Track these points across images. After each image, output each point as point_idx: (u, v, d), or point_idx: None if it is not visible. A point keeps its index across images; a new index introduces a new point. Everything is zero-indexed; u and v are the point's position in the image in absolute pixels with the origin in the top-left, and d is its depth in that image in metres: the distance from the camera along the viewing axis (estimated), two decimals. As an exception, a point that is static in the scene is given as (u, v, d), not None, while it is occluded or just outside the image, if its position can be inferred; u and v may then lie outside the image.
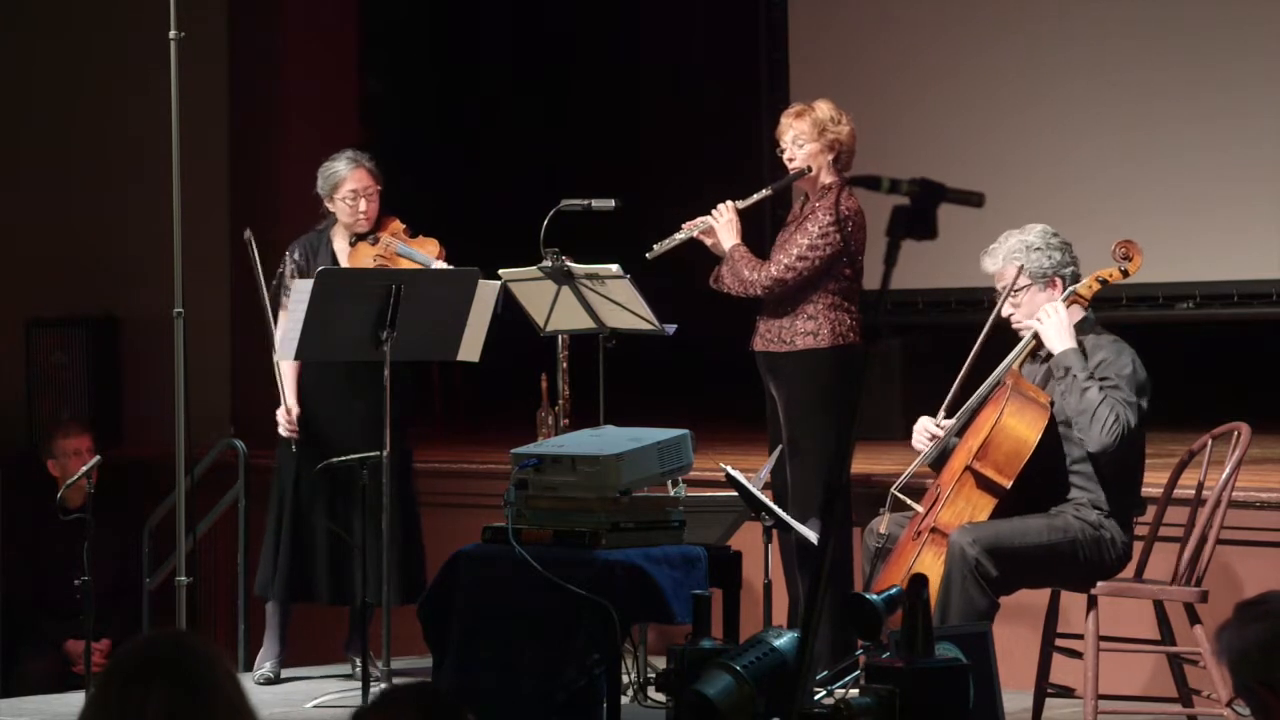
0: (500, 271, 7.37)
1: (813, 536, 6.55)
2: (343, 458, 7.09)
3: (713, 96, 12.15)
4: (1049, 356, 6.55)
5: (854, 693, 5.30)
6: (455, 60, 12.74)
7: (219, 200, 10.54)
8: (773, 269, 7.28)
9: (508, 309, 7.39)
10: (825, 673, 5.86)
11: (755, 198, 7.48)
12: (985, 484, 6.40)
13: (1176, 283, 9.71)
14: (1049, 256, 6.54)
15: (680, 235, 7.39)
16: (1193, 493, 6.60)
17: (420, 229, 7.80)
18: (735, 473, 6.47)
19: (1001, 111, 10.22)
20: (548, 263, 7.25)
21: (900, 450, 7.26)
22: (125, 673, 3.10)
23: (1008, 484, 6.38)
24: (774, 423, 7.41)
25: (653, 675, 6.64)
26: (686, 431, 6.30)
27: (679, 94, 12.50)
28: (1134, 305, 9.62)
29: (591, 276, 7.25)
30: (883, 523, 6.62)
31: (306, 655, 8.11)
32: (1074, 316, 6.56)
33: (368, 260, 7.55)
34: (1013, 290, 6.54)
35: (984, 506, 6.40)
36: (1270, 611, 3.44)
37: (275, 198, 10.23)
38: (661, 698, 6.34)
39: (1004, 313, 6.60)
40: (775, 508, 6.54)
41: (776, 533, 6.69)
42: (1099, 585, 6.40)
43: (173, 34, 7.16)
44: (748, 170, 9.77)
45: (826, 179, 7.33)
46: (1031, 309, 6.54)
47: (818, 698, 5.33)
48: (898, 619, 5.22)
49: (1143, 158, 9.87)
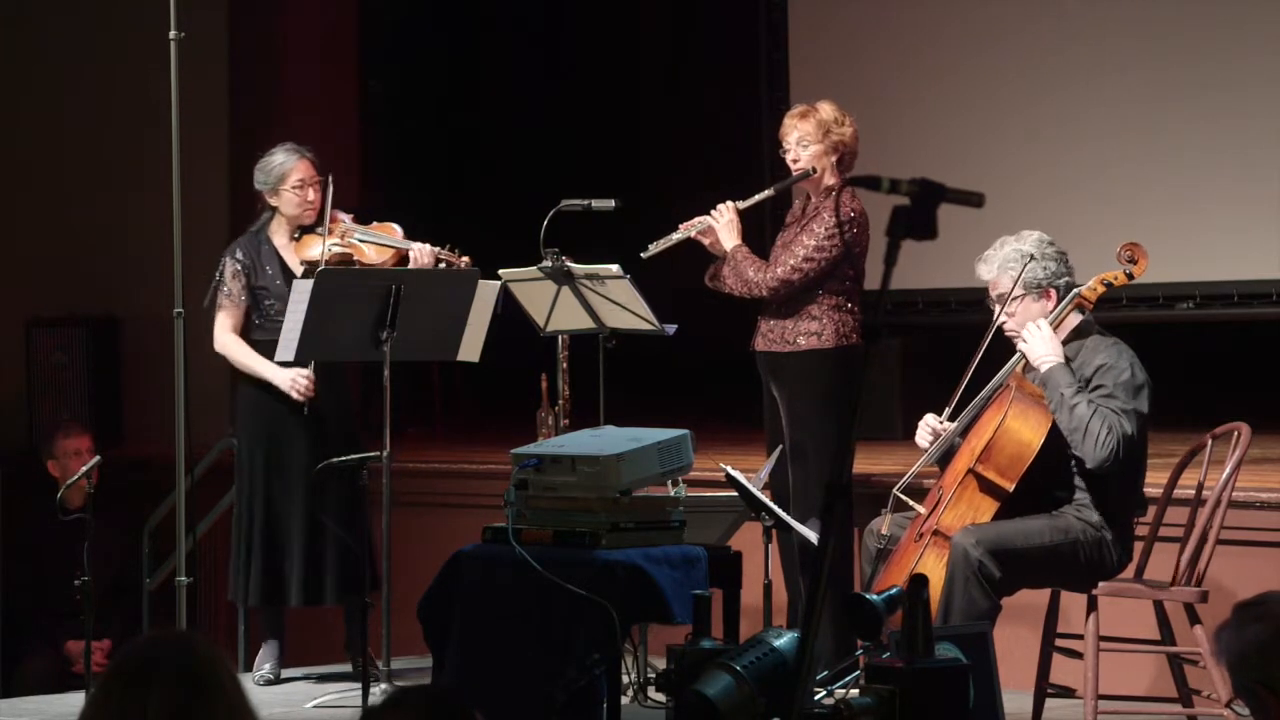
0: (500, 271, 7.37)
1: (813, 537, 6.55)
2: (343, 458, 7.11)
3: (713, 96, 12.15)
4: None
5: (854, 693, 5.30)
6: (455, 60, 12.74)
7: (219, 200, 10.53)
8: (778, 270, 7.28)
9: (508, 309, 7.39)
10: (825, 673, 5.86)
11: (756, 198, 7.49)
12: (988, 487, 6.40)
13: (1176, 283, 9.70)
14: (1044, 267, 6.52)
15: (677, 235, 7.39)
16: (1193, 493, 6.60)
17: (420, 229, 7.79)
18: (735, 473, 6.47)
19: (1001, 112, 10.22)
20: (548, 263, 7.25)
21: (901, 450, 7.27)
22: (127, 673, 3.10)
23: (1010, 487, 6.37)
24: (773, 423, 7.41)
25: (653, 675, 6.64)
26: (686, 431, 6.30)
27: (679, 94, 12.50)
28: (1134, 305, 9.62)
29: (591, 276, 7.25)
30: (884, 523, 6.62)
31: (306, 655, 8.11)
32: (1075, 319, 6.56)
33: (317, 251, 7.52)
34: (1007, 299, 6.53)
35: (986, 509, 6.40)
36: (1269, 612, 3.44)
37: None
38: (661, 698, 6.34)
39: (998, 321, 6.59)
40: (775, 508, 6.54)
41: (776, 533, 6.69)
42: (1099, 585, 6.40)
43: (173, 34, 7.17)
44: (748, 170, 9.78)
45: (829, 180, 7.33)
46: (1026, 319, 6.52)
47: (818, 698, 5.32)
48: (898, 619, 5.22)
49: (1143, 158, 9.87)
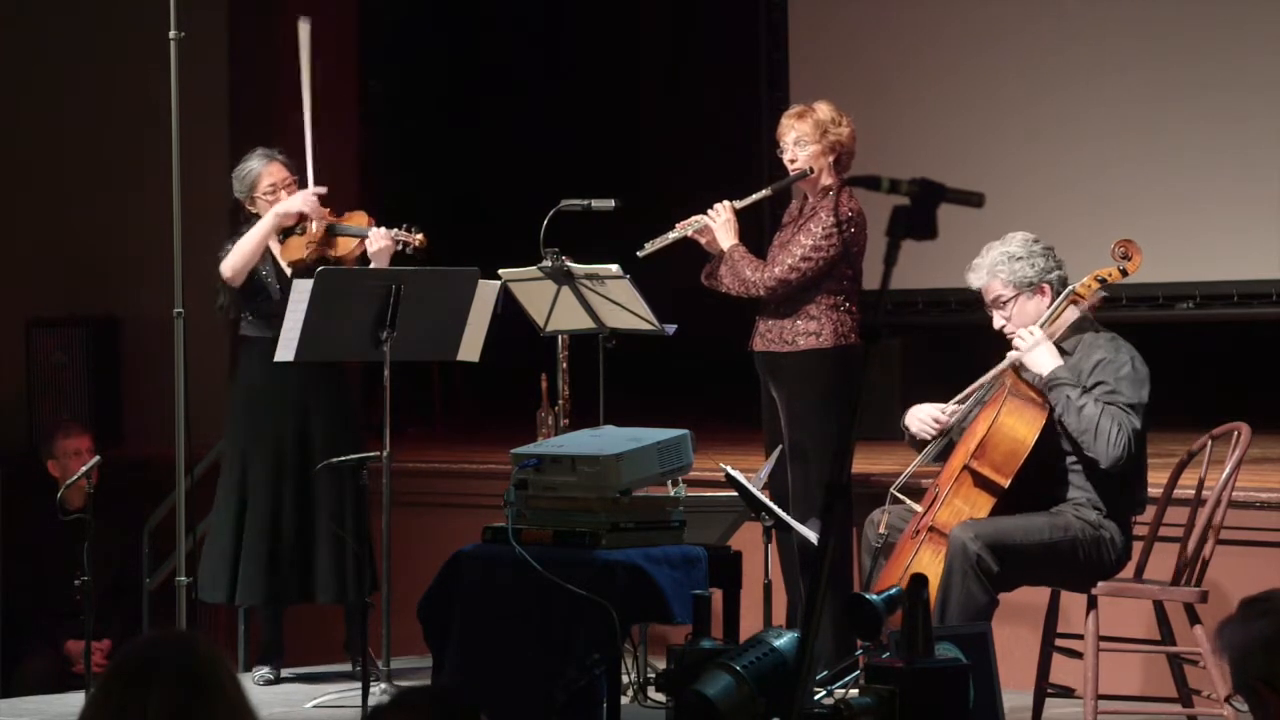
0: (500, 271, 7.37)
1: (813, 537, 6.55)
2: (342, 458, 7.11)
3: (713, 96, 12.15)
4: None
5: (854, 693, 5.30)
6: (455, 60, 12.74)
7: (219, 200, 10.52)
8: (776, 270, 7.28)
9: (508, 309, 7.39)
10: (825, 673, 5.86)
11: (754, 198, 7.49)
12: (983, 483, 6.41)
13: (1176, 283, 9.71)
14: (1032, 264, 6.53)
15: (673, 235, 7.39)
16: (1193, 493, 6.60)
17: (420, 228, 7.80)
18: (735, 473, 6.47)
19: (1001, 112, 10.22)
20: (548, 263, 7.25)
21: (900, 450, 7.26)
22: (127, 673, 3.10)
23: (1005, 483, 6.38)
24: (771, 423, 7.41)
25: (653, 675, 6.63)
26: (686, 431, 6.30)
27: (679, 94, 12.50)
28: (1134, 305, 9.62)
29: (591, 276, 7.25)
30: (882, 521, 6.63)
31: (306, 655, 8.11)
32: (1071, 316, 6.56)
33: (301, 252, 7.54)
34: (1000, 303, 6.54)
35: (982, 505, 6.41)
36: (1274, 609, 3.43)
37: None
38: (661, 698, 6.34)
39: (995, 325, 6.60)
40: (775, 508, 6.54)
41: (776, 533, 6.69)
42: (1099, 585, 6.40)
43: (173, 34, 7.17)
44: (748, 170, 9.78)
45: (827, 180, 7.33)
46: (1023, 318, 6.53)
47: (818, 698, 5.32)
48: (898, 619, 5.22)
49: (1143, 158, 9.87)
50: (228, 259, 7.62)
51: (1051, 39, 10.11)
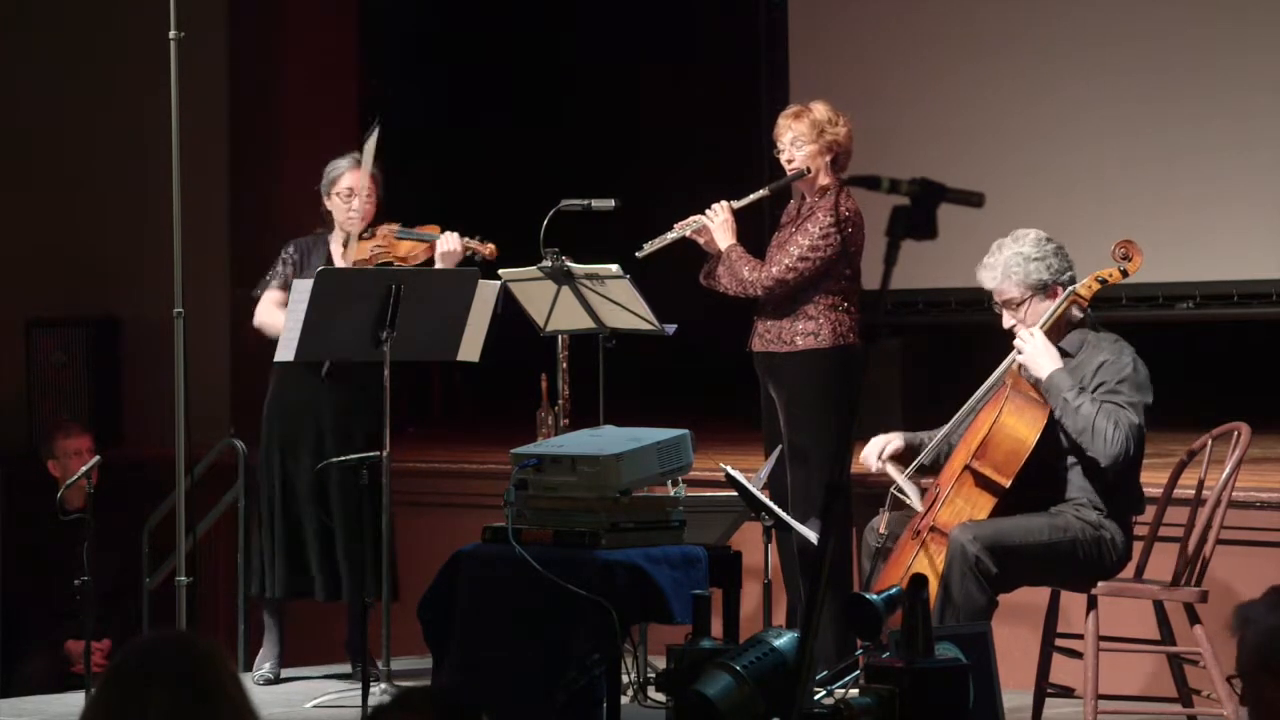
0: (500, 271, 7.38)
1: (813, 536, 6.56)
2: (343, 458, 7.12)
3: (713, 97, 12.14)
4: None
5: (854, 693, 5.30)
6: (455, 61, 12.74)
7: (219, 201, 10.54)
8: (773, 269, 7.28)
9: (508, 309, 7.39)
10: (825, 673, 5.86)
11: (751, 198, 7.49)
12: (984, 483, 6.41)
13: (1176, 283, 9.70)
14: (1047, 266, 6.52)
15: (672, 235, 7.40)
16: (1193, 493, 6.60)
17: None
18: (735, 473, 6.47)
19: (1002, 112, 10.22)
20: (548, 263, 7.25)
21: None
22: (128, 673, 3.10)
23: (1007, 483, 6.38)
24: (770, 423, 7.41)
25: (653, 675, 6.64)
26: (686, 431, 6.30)
27: (679, 94, 12.50)
28: (1134, 305, 9.62)
29: (591, 276, 7.25)
30: (882, 522, 6.63)
31: (306, 655, 8.11)
32: (1072, 317, 6.56)
33: (365, 254, 7.56)
34: (1013, 305, 6.54)
35: (983, 506, 6.41)
36: None
37: (275, 198, 10.23)
38: (661, 698, 6.34)
39: (1005, 324, 6.59)
40: (775, 508, 6.54)
41: (776, 533, 6.69)
42: (1099, 585, 6.40)
43: (173, 34, 7.17)
44: (747, 170, 9.77)
45: (824, 180, 7.33)
46: (1035, 319, 6.53)
47: (818, 698, 5.33)
48: (898, 619, 5.22)
49: (1143, 158, 9.87)
50: (268, 315, 7.57)
51: (1051, 39, 10.11)
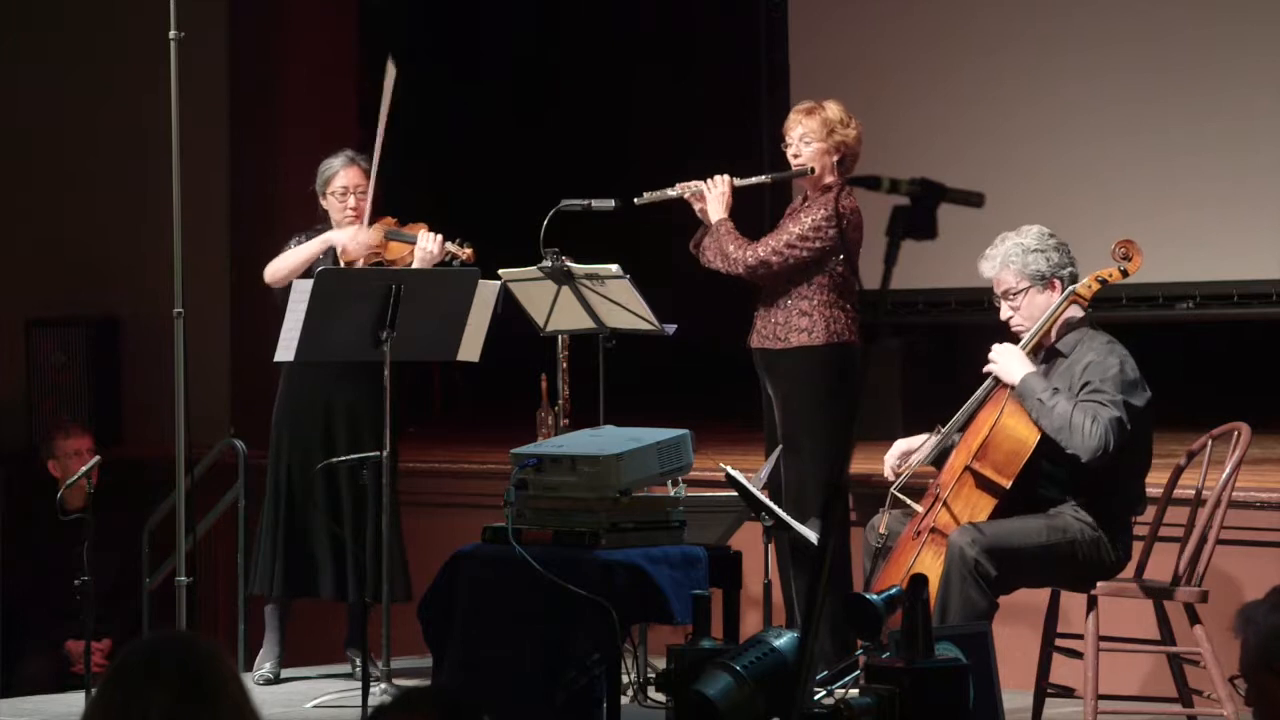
0: (500, 271, 7.37)
1: (812, 537, 6.56)
2: (343, 458, 7.12)
3: (712, 97, 12.15)
4: (1047, 357, 6.56)
5: (854, 693, 5.30)
6: (455, 60, 12.74)
7: (219, 200, 10.54)
8: (760, 250, 7.26)
9: (508, 309, 7.39)
10: (825, 673, 5.86)
11: (753, 180, 7.48)
12: (985, 484, 6.41)
13: (1176, 283, 9.70)
14: (1046, 258, 6.54)
15: (672, 192, 7.40)
16: (1193, 493, 6.60)
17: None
18: (735, 473, 6.47)
19: (1002, 112, 10.22)
20: (548, 263, 7.25)
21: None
22: (129, 673, 3.11)
23: (1007, 484, 6.38)
24: (769, 420, 7.40)
25: (653, 675, 6.64)
26: (686, 431, 6.30)
27: (679, 94, 12.50)
28: (1134, 305, 9.62)
29: (591, 276, 7.25)
30: (882, 522, 6.63)
31: (306, 655, 8.11)
32: (1070, 316, 6.57)
33: (359, 255, 7.56)
34: (1011, 293, 6.55)
35: (984, 506, 6.41)
36: None
37: (275, 197, 10.23)
38: (661, 698, 6.34)
39: (1003, 316, 6.61)
40: (775, 508, 6.54)
41: (775, 532, 6.69)
42: (1099, 586, 6.40)
43: (173, 34, 7.17)
44: (747, 171, 9.77)
45: (828, 180, 7.32)
46: (1031, 311, 6.54)
47: (818, 698, 5.33)
48: (898, 619, 5.22)
49: (1143, 158, 9.87)
50: (274, 263, 7.62)
51: (1051, 39, 10.11)
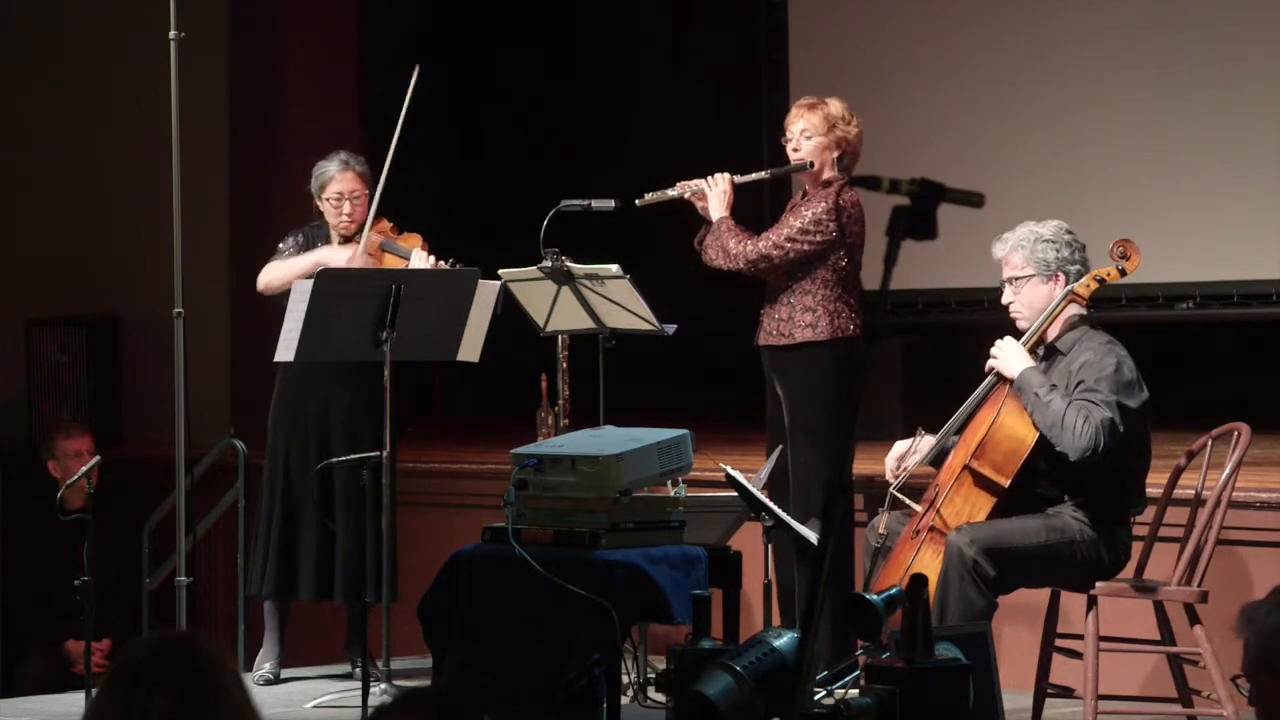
0: (500, 271, 7.37)
1: (813, 537, 6.56)
2: (343, 458, 7.12)
3: (712, 97, 12.15)
4: (1046, 355, 6.56)
5: (854, 693, 5.30)
6: (455, 60, 12.74)
7: (219, 200, 10.54)
8: (760, 244, 7.26)
9: (507, 309, 7.39)
10: (825, 673, 5.86)
11: (753, 176, 7.48)
12: (983, 482, 6.41)
13: (1176, 283, 9.71)
14: (1056, 251, 6.56)
15: (673, 192, 7.40)
16: (1193, 493, 6.61)
17: (420, 228, 7.80)
18: (735, 473, 6.47)
19: (1002, 112, 10.22)
20: (548, 263, 7.25)
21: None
22: (130, 674, 3.11)
23: (1006, 482, 6.39)
24: (774, 419, 7.40)
25: (653, 675, 6.64)
26: (686, 431, 6.30)
27: (679, 94, 12.50)
28: (1134, 305, 9.62)
29: (591, 276, 7.25)
30: (881, 522, 6.63)
31: (306, 655, 8.12)
32: (1070, 315, 6.58)
33: (355, 263, 7.55)
34: (1015, 279, 6.57)
35: (982, 505, 6.41)
36: None
37: (275, 197, 10.23)
38: (661, 698, 6.34)
39: (1004, 300, 6.62)
40: (775, 508, 6.54)
41: (772, 533, 6.69)
42: (1099, 586, 6.40)
43: (173, 34, 7.17)
44: (747, 171, 9.77)
45: (828, 175, 7.32)
46: (1032, 298, 6.56)
47: (818, 698, 5.33)
48: (898, 619, 5.22)
49: (1143, 157, 9.87)
50: (268, 272, 7.60)
51: (1051, 38, 10.11)
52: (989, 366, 6.58)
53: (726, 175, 7.42)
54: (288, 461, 7.64)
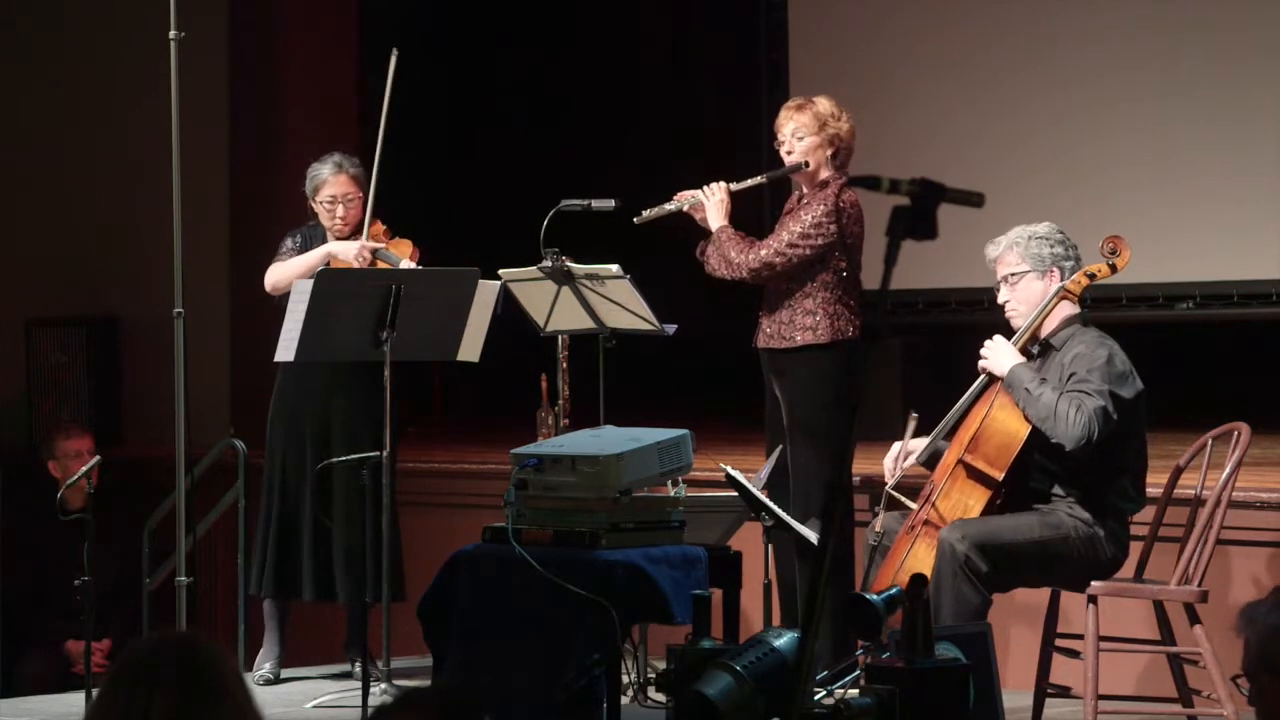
0: (500, 271, 7.37)
1: (813, 537, 6.56)
2: (343, 458, 7.12)
3: (712, 97, 12.15)
4: (1040, 353, 6.57)
5: (854, 693, 5.30)
6: (455, 60, 12.74)
7: (219, 200, 10.54)
8: (762, 252, 7.25)
9: (507, 309, 7.39)
10: (825, 673, 5.86)
11: (749, 183, 7.47)
12: (977, 476, 6.43)
13: (1176, 283, 9.71)
14: (1050, 246, 6.60)
15: (670, 206, 7.39)
16: (1193, 493, 6.61)
17: (421, 229, 7.80)
18: (735, 473, 6.47)
19: (1001, 112, 10.22)
20: (548, 263, 7.25)
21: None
22: (131, 673, 3.11)
23: (999, 476, 6.40)
24: (773, 421, 7.40)
25: (653, 675, 6.64)
26: (686, 431, 6.30)
27: (679, 95, 12.50)
28: (1134, 305, 9.62)
29: (591, 276, 7.25)
30: (878, 521, 6.64)
31: (306, 655, 8.12)
32: (1062, 312, 6.59)
33: (350, 266, 7.55)
34: (1010, 276, 6.59)
35: (977, 499, 6.42)
36: None
37: (275, 197, 10.23)
38: (661, 698, 6.34)
39: (1000, 299, 6.64)
40: (775, 508, 6.54)
41: (773, 533, 6.69)
42: (1099, 585, 6.40)
43: (173, 34, 7.17)
44: (748, 171, 9.77)
45: (824, 174, 7.32)
46: (1028, 295, 6.59)
47: (818, 698, 5.33)
48: (898, 619, 5.22)
49: (1143, 157, 9.87)
50: (274, 272, 7.60)
51: (1051, 38, 10.11)
52: (980, 366, 6.60)
53: (723, 184, 7.40)
54: (286, 461, 7.64)
